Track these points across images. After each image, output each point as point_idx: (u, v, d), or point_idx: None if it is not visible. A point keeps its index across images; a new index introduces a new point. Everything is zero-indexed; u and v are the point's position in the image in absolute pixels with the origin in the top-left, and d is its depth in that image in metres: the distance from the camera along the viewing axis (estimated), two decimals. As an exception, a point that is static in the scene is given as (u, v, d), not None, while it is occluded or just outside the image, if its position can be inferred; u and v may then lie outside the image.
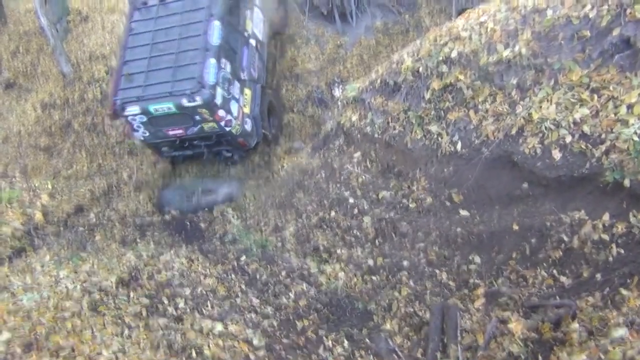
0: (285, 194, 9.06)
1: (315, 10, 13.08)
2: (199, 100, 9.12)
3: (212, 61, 9.44)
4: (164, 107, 9.31)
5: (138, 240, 8.59)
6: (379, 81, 8.21)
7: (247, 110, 10.43)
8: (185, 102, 9.17)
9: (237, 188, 9.92)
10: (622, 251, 5.38)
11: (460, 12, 11.09)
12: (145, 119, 9.61)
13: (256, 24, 11.57)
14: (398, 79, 7.78)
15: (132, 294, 6.59)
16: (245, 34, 11.01)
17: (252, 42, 11.15)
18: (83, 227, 9.16)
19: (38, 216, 9.04)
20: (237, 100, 10.09)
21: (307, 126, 11.79)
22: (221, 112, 9.51)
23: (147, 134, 9.92)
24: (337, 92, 11.51)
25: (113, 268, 6.82)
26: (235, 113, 9.92)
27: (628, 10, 5.57)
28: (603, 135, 5.38)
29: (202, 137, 10.00)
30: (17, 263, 7.96)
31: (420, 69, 7.43)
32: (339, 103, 9.26)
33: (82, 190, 10.67)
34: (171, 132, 9.83)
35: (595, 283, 5.38)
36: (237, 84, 10.16)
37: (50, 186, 10.50)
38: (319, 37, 13.00)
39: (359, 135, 8.33)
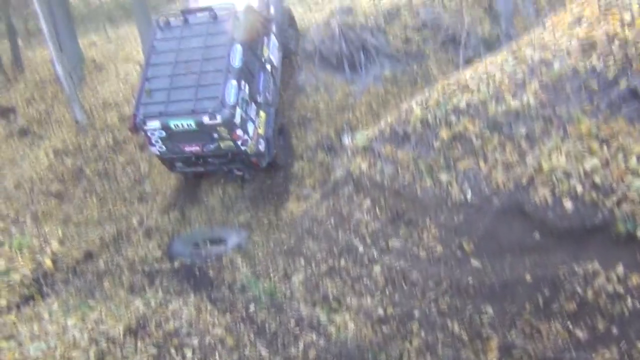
0: (295, 241, 9.05)
1: (324, 60, 13.33)
2: (219, 119, 9.55)
3: (233, 82, 9.95)
4: (185, 123, 9.73)
5: (146, 287, 8.54)
6: (388, 130, 8.29)
7: (261, 131, 10.84)
8: (206, 119, 9.58)
9: (246, 237, 9.91)
10: (638, 304, 5.30)
11: (467, 63, 11.29)
12: (164, 134, 10.00)
13: (272, 50, 12.09)
14: (407, 128, 7.85)
15: (139, 344, 6.53)
16: (262, 59, 11.51)
17: (268, 67, 11.71)
18: (92, 274, 9.14)
19: (47, 263, 9.04)
20: (253, 122, 10.54)
21: (316, 173, 11.82)
22: (239, 132, 9.93)
23: (164, 148, 10.33)
24: (347, 140, 11.55)
25: (121, 316, 6.78)
26: (251, 133, 10.33)
27: (634, 63, 5.65)
28: (614, 186, 5.37)
29: (217, 154, 10.42)
30: (25, 311, 7.92)
31: (429, 119, 7.51)
32: (349, 151, 9.32)
33: (91, 236, 10.69)
34: (188, 149, 10.25)
35: (611, 337, 5.27)
36: (253, 106, 10.63)
37: (60, 232, 10.53)
38: (328, 85, 13.20)
39: (368, 183, 8.35)
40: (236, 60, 10.19)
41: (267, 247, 9.43)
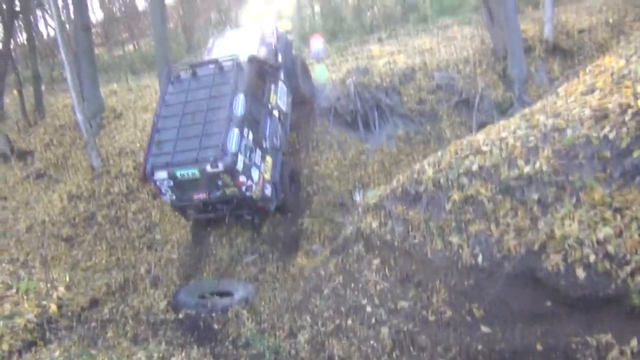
0: (302, 298, 8.93)
1: (339, 117, 13.55)
2: (221, 167, 9.86)
3: (235, 131, 10.28)
4: (189, 172, 10.07)
5: (150, 338, 8.42)
6: (400, 189, 8.31)
7: (267, 176, 11.11)
8: (208, 168, 9.91)
9: (254, 291, 9.82)
10: (653, 380, 5.14)
11: (480, 126, 11.42)
12: (172, 183, 10.33)
13: (280, 97, 12.54)
14: (419, 188, 7.87)
15: (139, 398, 6.39)
16: (269, 105, 11.90)
17: (276, 113, 12.11)
18: (96, 321, 9.04)
19: (53, 308, 8.98)
20: (258, 167, 10.79)
21: (326, 229, 11.80)
22: (242, 178, 10.17)
23: (174, 197, 10.66)
24: (358, 197, 11.60)
25: (122, 368, 6.66)
26: (255, 179, 10.56)
27: (647, 134, 5.69)
28: (628, 257, 5.31)
29: (224, 201, 10.63)
30: (26, 357, 7.82)
31: (441, 180, 7.54)
32: (360, 208, 9.33)
33: (98, 283, 10.65)
34: (195, 196, 10.51)
35: (625, 413, 5.09)
36: (258, 152, 10.92)
37: (67, 278, 10.51)
38: (342, 142, 13.38)
39: (378, 242, 8.32)
40: (239, 109, 10.56)
41: (273, 303, 9.32)
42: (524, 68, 12.95)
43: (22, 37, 29.49)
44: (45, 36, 32.63)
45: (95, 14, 34.96)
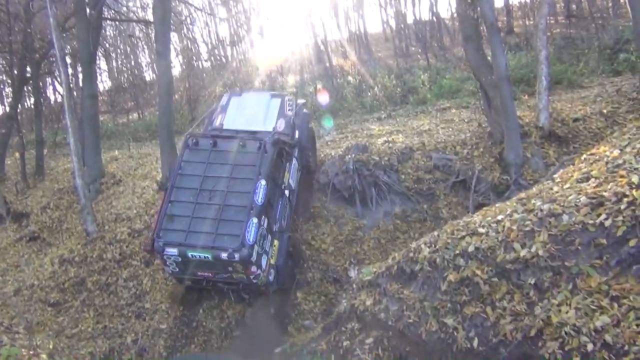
0: (292, 376, 8.68)
1: (337, 193, 13.65)
2: (237, 258, 9.72)
3: (255, 221, 10.08)
4: (202, 255, 9.89)
5: (131, 414, 8.09)
6: (395, 267, 8.26)
7: (273, 261, 10.89)
8: (224, 256, 9.75)
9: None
10: None
11: (477, 208, 11.50)
12: (180, 260, 10.12)
13: (292, 174, 12.41)
14: (415, 268, 7.82)
15: None
16: (283, 186, 11.72)
17: (287, 192, 11.94)
18: (76, 393, 8.71)
19: (33, 377, 8.66)
20: (267, 253, 10.60)
21: (319, 305, 11.65)
22: (253, 268, 10.05)
23: (177, 270, 10.43)
24: (353, 274, 11.53)
25: None
26: (264, 266, 10.40)
27: (643, 223, 5.72)
28: (626, 347, 5.18)
29: (228, 282, 10.58)
30: None
31: (437, 260, 7.50)
32: (354, 285, 9.24)
33: (82, 352, 10.38)
34: (200, 274, 10.40)
35: None
36: (269, 237, 10.73)
37: (51, 345, 10.22)
38: (338, 218, 13.40)
39: (372, 321, 8.17)
40: (260, 197, 10.33)
41: (262, 380, 9.04)
42: (520, 153, 13.19)
43: (29, 102, 30.22)
44: (52, 101, 33.42)
45: (104, 83, 36.01)
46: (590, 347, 5.45)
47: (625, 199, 6.11)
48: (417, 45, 34.40)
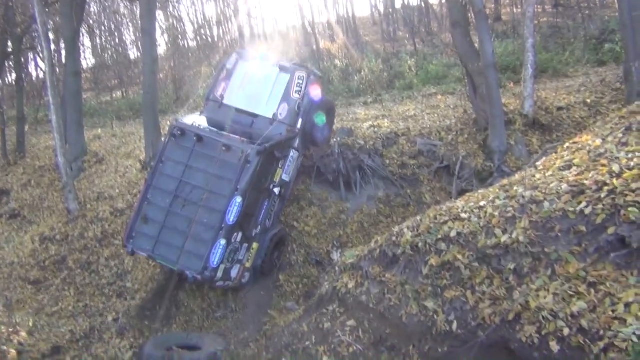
0: (272, 356, 8.73)
1: (321, 176, 13.65)
2: (199, 278, 9.80)
3: (222, 242, 9.82)
4: (169, 266, 10.14)
5: (111, 392, 8.10)
6: (378, 251, 8.31)
7: (249, 264, 10.73)
8: (188, 274, 9.84)
9: (223, 347, 9.55)
10: None
11: (460, 193, 11.61)
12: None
13: (287, 169, 11.58)
14: (397, 251, 7.88)
15: None
16: (271, 186, 10.97)
17: (277, 190, 11.21)
18: (56, 371, 8.69)
19: (12, 354, 8.64)
20: (241, 261, 10.43)
21: (301, 288, 11.70)
22: (219, 283, 10.18)
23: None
24: (336, 257, 11.60)
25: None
26: (234, 275, 10.38)
27: (622, 212, 5.81)
28: (601, 332, 5.30)
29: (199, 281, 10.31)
30: (-22, 404, 7.46)
31: (420, 244, 7.56)
32: (337, 268, 9.27)
33: (63, 330, 10.33)
34: (172, 269, 10.35)
35: None
36: (245, 246, 10.43)
37: (31, 323, 10.17)
38: (322, 201, 13.42)
39: (353, 303, 8.23)
40: (232, 216, 9.85)
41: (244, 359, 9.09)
42: (504, 140, 13.30)
43: (11, 77, 29.67)
44: (34, 78, 32.85)
45: (87, 60, 35.46)
46: (566, 331, 5.56)
47: (606, 188, 6.20)
48: (404, 30, 34.32)
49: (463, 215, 7.46)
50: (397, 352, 7.32)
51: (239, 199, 9.87)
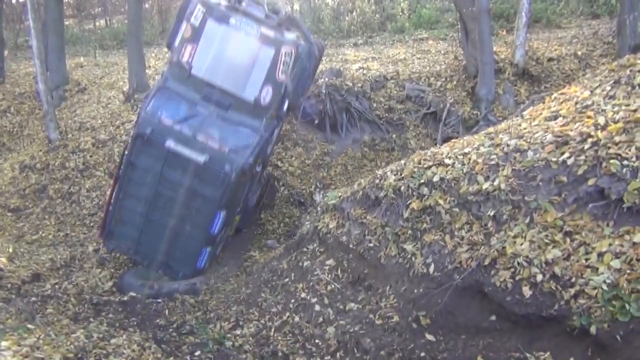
0: (252, 291, 8.88)
1: (307, 116, 13.54)
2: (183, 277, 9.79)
3: (208, 249, 9.74)
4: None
5: (91, 318, 8.20)
6: (360, 193, 8.35)
7: (231, 232, 10.70)
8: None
9: (202, 280, 9.68)
10: (585, 400, 5.28)
11: (445, 140, 11.61)
12: None
13: (270, 147, 10.39)
14: (379, 194, 7.92)
15: (74, 377, 6.20)
16: (255, 171, 9.77)
17: (259, 168, 10.09)
18: (36, 297, 8.75)
19: (-8, 279, 8.66)
20: (223, 241, 10.35)
21: (282, 227, 11.80)
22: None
23: None
24: (318, 197, 11.66)
25: (59, 346, 6.44)
26: (216, 253, 10.38)
27: (604, 164, 5.86)
28: (573, 279, 5.44)
29: None
30: (-43, 326, 7.50)
31: (402, 188, 7.60)
32: (319, 208, 9.34)
33: (43, 258, 10.32)
34: None
35: None
36: (226, 228, 10.04)
37: (11, 249, 10.15)
38: (307, 142, 13.38)
39: (334, 243, 8.34)
40: (217, 228, 9.39)
41: (223, 293, 9.23)
42: (493, 89, 13.23)
43: (-11, -1, 28.51)
44: (14, 0, 31.61)
45: (69, -16, 34.09)
46: (539, 277, 5.70)
47: (590, 139, 6.22)
48: (399, -29, 33.38)
49: (447, 161, 7.47)
50: (374, 291, 7.49)
51: (223, 213, 9.26)
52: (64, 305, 8.65)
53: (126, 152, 9.59)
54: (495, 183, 6.65)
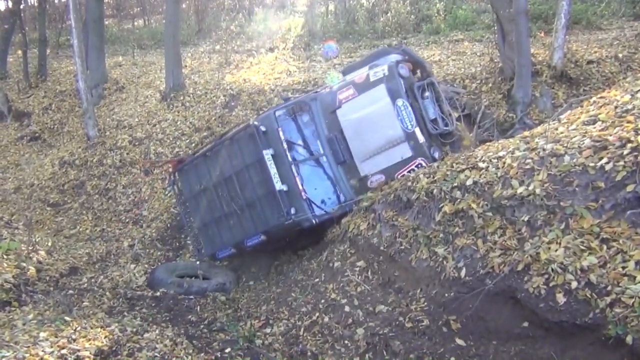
0: (282, 290, 8.95)
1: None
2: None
3: (233, 251, 10.18)
4: None
5: (126, 312, 8.39)
6: (392, 195, 8.33)
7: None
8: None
9: (232, 279, 9.78)
10: (620, 411, 5.15)
11: (480, 143, 11.44)
12: None
13: None
14: (411, 197, 7.89)
15: (107, 369, 6.35)
16: None
17: None
18: (73, 290, 8.99)
19: (32, 271, 8.90)
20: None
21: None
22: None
23: None
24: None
25: (95, 338, 6.61)
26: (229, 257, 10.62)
27: (644, 170, 5.72)
28: (609, 288, 5.32)
29: None
30: (-1, 316, 7.76)
31: (435, 191, 7.55)
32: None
33: (80, 252, 10.60)
34: None
35: None
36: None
37: (50, 243, 10.45)
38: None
39: (364, 245, 8.33)
40: (251, 244, 10.00)
41: (253, 292, 9.32)
42: (529, 91, 12.99)
43: (33, -1, 29.40)
44: (56, 0, 32.48)
45: (110, -15, 34.84)
46: (574, 284, 5.59)
47: (629, 145, 6.07)
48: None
49: (481, 164, 7.40)
50: (404, 294, 7.45)
51: (263, 237, 9.89)
52: (100, 299, 8.87)
53: None
54: (530, 188, 6.55)
